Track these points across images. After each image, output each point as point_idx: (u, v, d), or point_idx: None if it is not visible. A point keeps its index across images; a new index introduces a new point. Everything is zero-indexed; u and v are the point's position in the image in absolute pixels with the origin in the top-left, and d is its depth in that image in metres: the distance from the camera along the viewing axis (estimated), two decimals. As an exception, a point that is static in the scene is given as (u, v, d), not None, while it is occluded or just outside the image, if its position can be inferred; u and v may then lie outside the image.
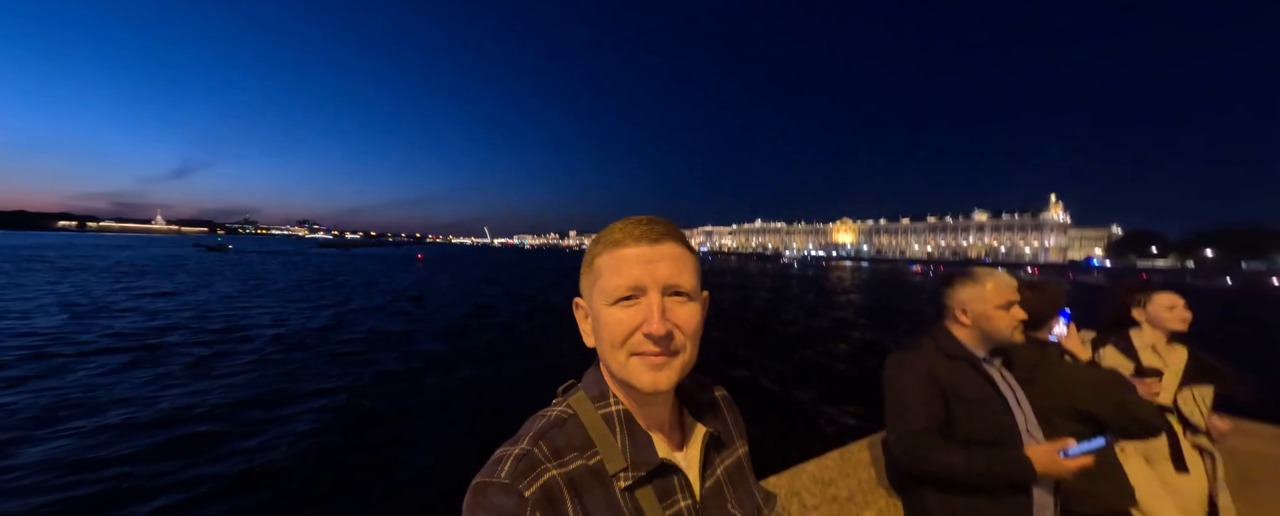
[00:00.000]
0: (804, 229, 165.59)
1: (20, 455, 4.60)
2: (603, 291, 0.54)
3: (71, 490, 4.12)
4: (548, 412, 0.59)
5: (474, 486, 0.50)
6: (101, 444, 4.96)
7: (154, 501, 4.00)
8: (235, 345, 9.66)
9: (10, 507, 3.81)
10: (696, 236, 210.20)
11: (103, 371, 7.57)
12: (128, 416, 5.68)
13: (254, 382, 7.24)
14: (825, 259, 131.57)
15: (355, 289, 21.71)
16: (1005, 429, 1.27)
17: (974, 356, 1.36)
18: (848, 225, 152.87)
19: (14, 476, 4.24)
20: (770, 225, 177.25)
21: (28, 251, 47.32)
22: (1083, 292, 32.22)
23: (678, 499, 0.56)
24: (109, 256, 41.57)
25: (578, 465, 0.53)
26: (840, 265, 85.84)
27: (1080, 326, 1.99)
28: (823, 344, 11.62)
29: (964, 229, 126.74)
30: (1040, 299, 1.66)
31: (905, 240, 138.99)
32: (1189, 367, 1.88)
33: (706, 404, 0.68)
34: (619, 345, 0.53)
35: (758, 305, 19.58)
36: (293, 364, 8.37)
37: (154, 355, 8.61)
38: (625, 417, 0.57)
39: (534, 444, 0.53)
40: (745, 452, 0.69)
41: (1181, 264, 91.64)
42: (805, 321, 15.44)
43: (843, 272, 55.74)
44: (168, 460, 4.68)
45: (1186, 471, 1.75)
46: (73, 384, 6.91)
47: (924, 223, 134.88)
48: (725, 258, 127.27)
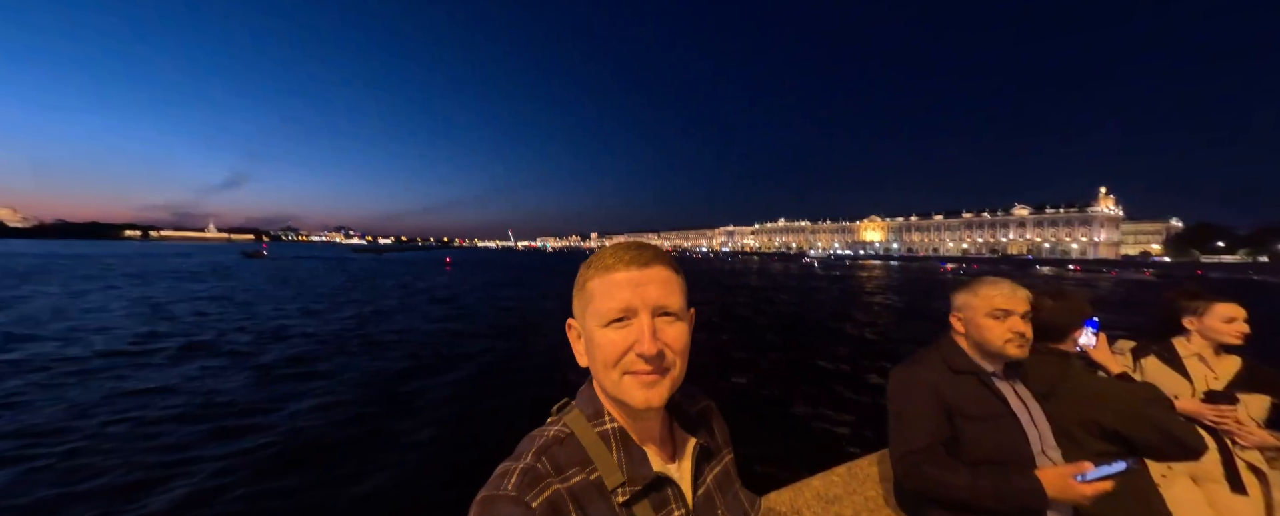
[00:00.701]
0: (829, 228, 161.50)
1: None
2: (596, 313, 0.57)
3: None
4: (545, 431, 0.61)
5: (481, 500, 0.53)
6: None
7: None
8: (278, 344, 10.24)
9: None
10: (718, 236, 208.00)
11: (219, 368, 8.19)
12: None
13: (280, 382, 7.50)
14: (851, 258, 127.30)
15: (390, 291, 22.33)
16: (1016, 449, 1.19)
17: (981, 370, 1.28)
18: (876, 223, 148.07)
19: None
20: (793, 224, 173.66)
21: (111, 258, 50.60)
22: (1132, 291, 29.94)
23: (673, 509, 0.60)
24: (169, 263, 44.57)
25: (579, 479, 0.56)
26: (867, 264, 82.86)
27: (1124, 332, 1.80)
28: (840, 347, 10.95)
29: (1003, 224, 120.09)
30: (1062, 308, 1.54)
31: (938, 237, 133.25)
32: (1241, 379, 1.70)
33: (695, 416, 0.71)
34: (613, 365, 0.56)
35: (777, 307, 18.74)
36: (340, 362, 8.77)
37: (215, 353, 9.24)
38: (620, 434, 0.60)
39: (537, 459, 0.56)
40: (731, 460, 0.74)
41: (1252, 258, 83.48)
42: (829, 323, 14.59)
43: (871, 271, 53.55)
44: (213, 443, 5.08)
45: (1244, 493, 1.58)
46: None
47: (959, 218, 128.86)
48: (747, 257, 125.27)
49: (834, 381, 7.98)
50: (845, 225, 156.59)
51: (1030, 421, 1.24)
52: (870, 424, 5.86)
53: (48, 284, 22.23)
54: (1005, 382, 1.29)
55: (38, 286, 20.92)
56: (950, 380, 1.27)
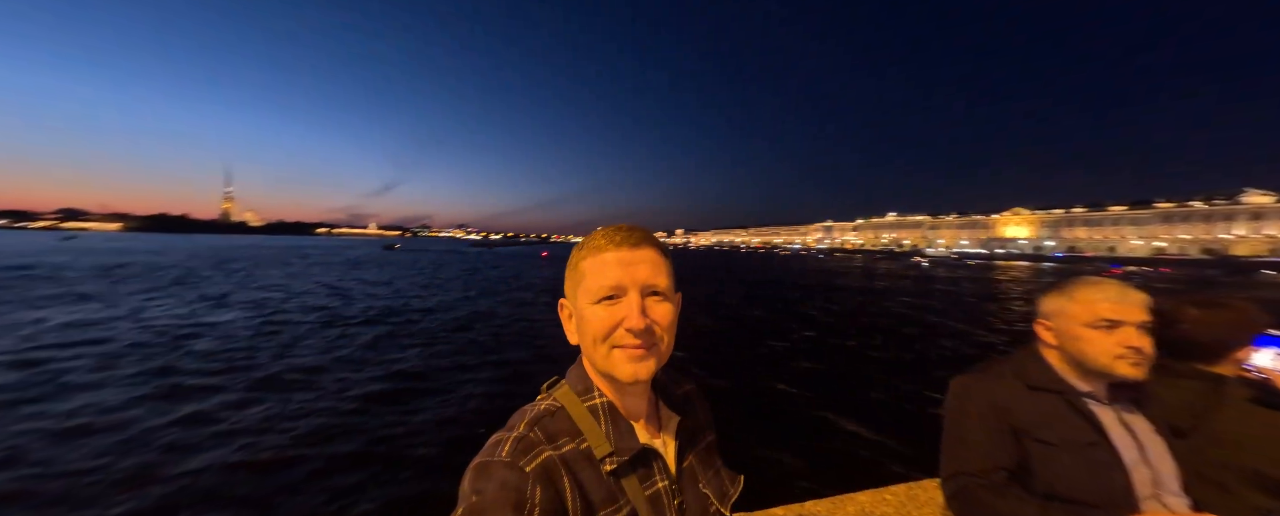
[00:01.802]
0: (954, 222, 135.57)
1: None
2: (587, 291, 0.60)
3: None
4: (536, 405, 0.64)
5: (475, 466, 0.55)
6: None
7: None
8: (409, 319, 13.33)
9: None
10: (814, 232, 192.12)
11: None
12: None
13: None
14: (982, 257, 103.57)
15: (498, 280, 26.02)
16: (1108, 487, 0.97)
17: (1070, 389, 1.06)
18: (1021, 216, 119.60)
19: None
20: (906, 219, 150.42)
21: (309, 249, 70.85)
22: None
23: (657, 480, 0.64)
24: (344, 254, 57.76)
25: (570, 448, 0.59)
26: (1006, 265, 67.57)
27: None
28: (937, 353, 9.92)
29: (1226, 217, 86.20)
30: (1215, 319, 1.22)
31: (1118, 232, 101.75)
32: None
33: (680, 397, 0.75)
34: (602, 339, 0.59)
35: (882, 310, 16.88)
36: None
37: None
38: (609, 408, 0.63)
39: (529, 429, 0.59)
40: (713, 440, 0.77)
41: None
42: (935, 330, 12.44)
43: (1006, 273, 43.83)
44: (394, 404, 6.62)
45: None
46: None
47: (1150, 209, 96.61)
48: (846, 256, 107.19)
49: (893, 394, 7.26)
50: (976, 219, 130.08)
51: (1139, 457, 1.01)
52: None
53: (289, 267, 32.67)
54: (1106, 407, 1.05)
55: (283, 268, 31.38)
56: (1023, 397, 1.08)
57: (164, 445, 4.96)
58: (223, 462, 4.63)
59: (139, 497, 4.00)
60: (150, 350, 8.84)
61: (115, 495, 4.02)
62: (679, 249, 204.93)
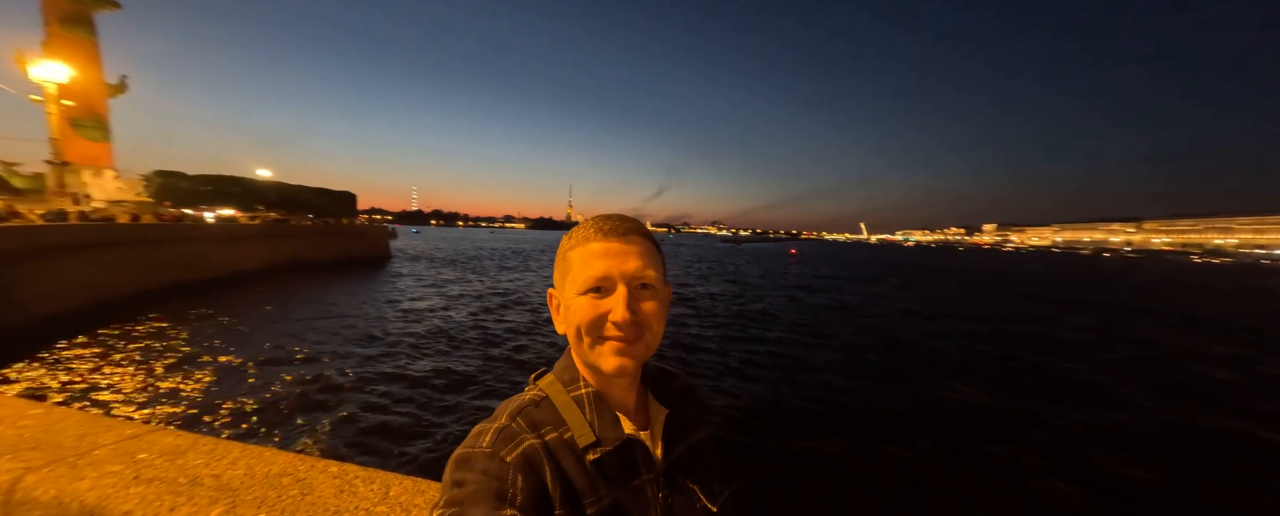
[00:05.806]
0: None
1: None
2: (574, 282, 0.59)
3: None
4: (522, 396, 0.64)
5: (456, 457, 0.55)
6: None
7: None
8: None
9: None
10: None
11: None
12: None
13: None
14: None
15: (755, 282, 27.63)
16: None
17: None
18: None
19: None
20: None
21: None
22: None
23: (642, 472, 0.62)
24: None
25: (553, 436, 0.59)
26: None
27: None
28: None
29: None
30: None
31: None
32: None
33: (672, 392, 0.74)
34: (588, 331, 0.58)
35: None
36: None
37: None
38: (594, 399, 0.63)
39: (512, 419, 0.59)
40: (706, 436, 0.74)
41: None
42: None
43: None
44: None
45: None
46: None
47: None
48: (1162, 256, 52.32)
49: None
50: None
51: None
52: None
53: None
54: None
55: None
56: None
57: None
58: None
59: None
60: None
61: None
62: (989, 248, 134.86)
